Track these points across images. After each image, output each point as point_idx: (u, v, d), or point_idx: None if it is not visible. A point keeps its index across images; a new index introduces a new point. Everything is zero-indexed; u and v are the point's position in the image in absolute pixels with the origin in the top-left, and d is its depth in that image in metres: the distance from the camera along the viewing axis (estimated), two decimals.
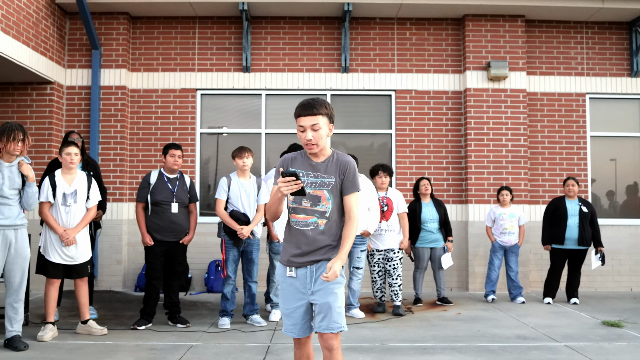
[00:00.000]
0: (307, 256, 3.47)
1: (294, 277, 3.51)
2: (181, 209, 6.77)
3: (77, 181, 6.26)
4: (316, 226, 3.45)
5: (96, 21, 9.73)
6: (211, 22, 10.07)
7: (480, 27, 9.84)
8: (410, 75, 10.01)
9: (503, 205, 8.77)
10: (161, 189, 6.70)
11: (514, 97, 9.79)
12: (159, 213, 6.68)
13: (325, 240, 3.47)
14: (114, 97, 9.69)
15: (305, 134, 3.45)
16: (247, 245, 6.82)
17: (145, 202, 6.71)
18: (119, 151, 9.63)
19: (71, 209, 6.17)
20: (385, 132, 10.05)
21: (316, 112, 3.43)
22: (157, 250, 6.68)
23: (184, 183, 6.87)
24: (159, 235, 6.66)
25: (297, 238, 3.50)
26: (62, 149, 6.22)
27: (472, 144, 9.72)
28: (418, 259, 8.43)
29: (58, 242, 6.09)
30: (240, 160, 6.81)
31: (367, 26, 10.08)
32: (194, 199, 6.96)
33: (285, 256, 3.55)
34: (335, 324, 3.43)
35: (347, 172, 3.50)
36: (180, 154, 6.83)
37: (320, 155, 3.55)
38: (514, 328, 6.78)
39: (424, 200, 8.51)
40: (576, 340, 6.18)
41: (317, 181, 3.49)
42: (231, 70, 10.00)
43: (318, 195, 3.47)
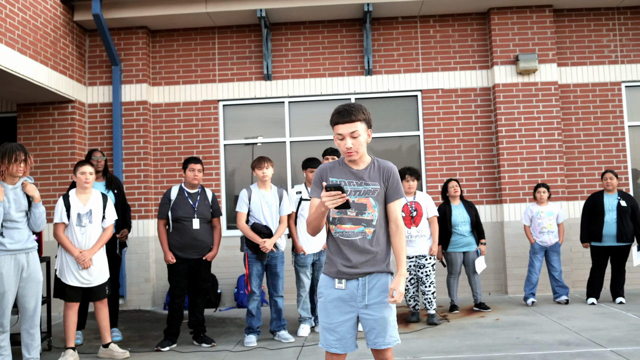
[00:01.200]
0: (358, 267, 3.36)
1: (344, 289, 3.38)
2: (203, 225, 6.57)
3: (92, 201, 6.12)
4: (364, 235, 3.36)
5: (115, 37, 9.67)
6: (230, 32, 9.92)
7: (507, 19, 9.48)
8: (436, 74, 9.70)
9: (540, 203, 8.38)
10: (182, 205, 6.52)
11: (545, 91, 9.39)
12: (181, 230, 6.50)
13: (374, 249, 3.37)
14: (136, 113, 9.59)
15: (345, 142, 3.35)
16: (271, 259, 6.59)
17: (166, 218, 6.54)
18: (143, 167, 9.52)
19: (86, 229, 6.02)
20: (413, 134, 9.75)
21: (354, 118, 3.32)
22: (180, 268, 6.50)
23: (205, 197, 6.68)
24: (182, 252, 6.48)
25: (344, 249, 3.38)
26: (77, 167, 6.08)
27: (503, 141, 9.35)
28: (450, 264, 8.10)
29: (74, 265, 5.95)
30: (260, 170, 6.60)
31: (389, 26, 9.81)
32: (217, 214, 6.76)
33: (334, 268, 3.42)
34: (392, 337, 3.38)
35: (392, 179, 3.44)
36: (200, 168, 6.64)
37: (360, 163, 3.45)
38: (556, 333, 6.41)
39: (454, 202, 8.18)
40: (623, 344, 5.79)
41: (362, 189, 3.40)
42: (252, 79, 9.83)
43: (364, 204, 3.38)
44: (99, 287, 6.11)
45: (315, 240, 6.89)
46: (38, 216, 5.58)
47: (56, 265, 6.05)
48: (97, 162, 7.08)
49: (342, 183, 3.35)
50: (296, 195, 7.00)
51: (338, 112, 3.37)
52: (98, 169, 7.07)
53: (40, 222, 5.63)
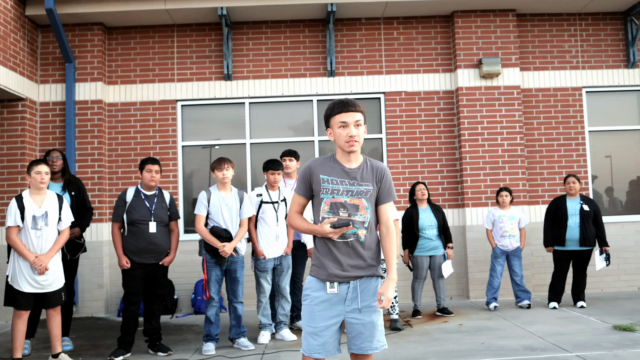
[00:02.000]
0: (349, 271, 3.28)
1: (337, 293, 3.28)
2: (160, 228, 6.30)
3: (47, 202, 5.81)
4: (356, 237, 3.28)
5: (69, 33, 9.31)
6: (190, 30, 9.65)
7: (470, 23, 9.44)
8: (400, 77, 9.60)
9: (503, 207, 8.34)
10: (138, 207, 6.23)
11: (508, 95, 9.38)
12: (136, 233, 6.21)
13: (366, 252, 3.30)
14: (90, 112, 9.24)
15: (349, 129, 3.26)
16: (230, 264, 6.36)
17: (121, 221, 6.25)
18: (97, 169, 9.17)
19: (42, 232, 5.71)
20: (376, 137, 9.62)
21: (358, 108, 3.30)
22: (135, 273, 6.21)
23: (163, 200, 6.40)
24: (137, 257, 6.19)
25: (336, 251, 3.29)
26: (31, 167, 5.75)
27: (466, 145, 9.30)
28: (417, 268, 7.98)
29: (28, 270, 5.62)
30: (220, 172, 6.37)
31: (352, 27, 9.67)
32: (174, 217, 6.49)
33: (324, 271, 3.31)
34: (379, 342, 3.31)
35: (384, 179, 3.37)
36: (158, 169, 6.37)
37: (353, 160, 3.35)
38: (520, 338, 6.33)
39: (421, 205, 8.08)
40: (588, 349, 5.74)
41: (354, 189, 3.30)
42: (212, 79, 9.58)
43: (356, 204, 3.29)
44: (54, 293, 5.80)
45: (276, 244, 6.69)
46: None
47: (8, 272, 5.71)
48: (52, 162, 6.75)
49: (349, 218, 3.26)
50: (256, 198, 6.78)
51: (340, 102, 3.30)
52: (54, 169, 6.74)
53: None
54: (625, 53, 9.75)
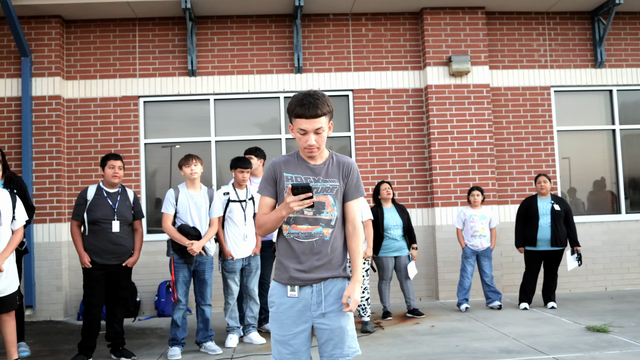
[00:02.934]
0: (312, 272, 3.05)
1: (297, 297, 3.04)
2: (124, 227, 5.99)
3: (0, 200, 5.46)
4: (321, 237, 3.05)
5: (25, 26, 8.90)
6: (152, 24, 9.33)
7: (439, 20, 9.34)
8: (368, 74, 9.44)
9: (474, 207, 8.24)
10: (100, 206, 5.91)
11: (477, 93, 9.30)
12: (98, 233, 5.89)
13: (332, 252, 3.07)
14: (48, 108, 8.86)
15: (307, 137, 3.00)
16: (198, 265, 6.10)
17: (82, 220, 5.93)
18: (55, 167, 8.79)
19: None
20: (344, 135, 9.45)
21: (320, 113, 2.97)
22: (97, 274, 5.89)
23: (126, 198, 6.10)
24: (99, 258, 5.88)
25: (298, 252, 3.05)
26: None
27: (435, 143, 9.19)
28: (382, 269, 7.82)
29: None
30: (188, 168, 6.11)
31: (320, 23, 9.48)
32: (138, 216, 6.20)
33: (285, 273, 3.08)
34: (351, 349, 3.07)
35: (351, 175, 3.15)
36: (121, 165, 6.07)
37: (319, 158, 3.13)
38: (494, 340, 6.21)
39: (386, 205, 7.92)
40: (565, 351, 5.64)
41: (320, 185, 3.09)
42: (176, 75, 9.28)
43: (322, 202, 3.06)
44: (8, 297, 5.43)
45: (244, 244, 6.46)
46: None
47: None
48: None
49: (308, 180, 3.05)
50: (223, 197, 6.53)
51: (302, 103, 2.97)
52: None
53: None
54: (593, 53, 9.76)
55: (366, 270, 7.16)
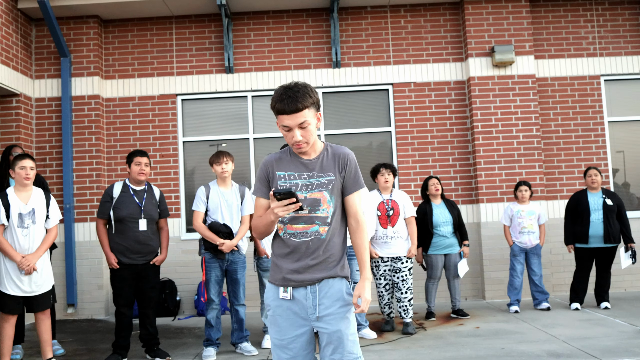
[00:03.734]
0: (307, 273, 2.86)
1: (290, 299, 2.87)
2: (150, 226, 5.89)
3: (34, 199, 5.45)
4: (317, 235, 2.85)
5: (64, 27, 8.95)
6: (189, 22, 9.27)
7: (481, 9, 9.01)
8: (408, 67, 9.18)
9: (521, 202, 7.89)
10: (126, 203, 5.82)
11: (522, 84, 8.94)
12: (124, 231, 5.80)
13: (329, 251, 2.87)
14: (87, 108, 8.88)
15: (292, 134, 2.81)
16: (230, 264, 5.97)
17: (108, 218, 5.85)
18: (95, 166, 8.81)
19: (30, 231, 5.35)
20: (384, 130, 9.21)
21: (301, 106, 2.75)
22: (124, 274, 5.80)
23: (152, 196, 6.00)
24: (125, 257, 5.78)
25: (293, 251, 2.87)
26: (16, 161, 5.39)
27: (479, 137, 8.87)
28: (431, 267, 7.55)
29: (15, 271, 5.27)
30: (219, 166, 5.98)
31: (357, 16, 9.26)
32: (164, 214, 6.10)
33: (279, 274, 2.90)
34: (351, 355, 2.84)
35: (348, 167, 2.93)
36: (147, 162, 5.97)
37: (312, 152, 2.93)
38: (542, 342, 5.90)
39: (435, 201, 7.65)
40: (618, 354, 5.30)
41: (314, 182, 2.89)
42: (213, 72, 9.19)
43: (317, 199, 2.87)
44: (42, 295, 5.45)
45: None
46: None
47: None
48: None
49: (292, 187, 2.84)
50: None
51: (281, 98, 2.77)
52: None
53: None
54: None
55: (409, 269, 6.92)
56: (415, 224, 7.04)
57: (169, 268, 8.71)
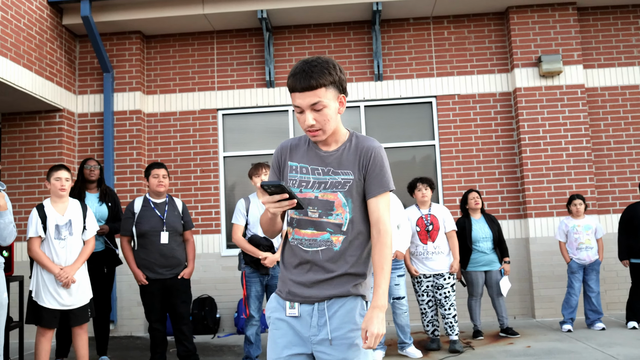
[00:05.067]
0: (316, 288, 2.39)
1: (297, 316, 2.41)
2: (173, 239, 5.80)
3: (70, 210, 5.40)
4: (329, 245, 2.38)
5: (107, 42, 9.02)
6: (230, 36, 9.25)
7: (527, 19, 8.77)
8: (452, 79, 8.98)
9: (576, 217, 7.58)
10: (148, 217, 5.76)
11: (571, 94, 8.65)
12: (147, 246, 5.74)
13: (343, 265, 2.38)
14: (129, 123, 8.90)
15: (304, 116, 2.34)
16: (271, 278, 5.82)
17: (131, 235, 5.79)
18: (136, 181, 8.80)
19: (67, 242, 5.30)
20: (428, 144, 9.00)
21: (315, 84, 2.29)
22: (152, 289, 5.74)
23: (174, 208, 5.92)
24: (151, 272, 5.72)
25: (301, 262, 2.42)
26: (51, 173, 5.38)
27: (527, 150, 8.59)
28: (471, 284, 7.28)
29: (53, 284, 5.22)
30: (258, 178, 5.87)
31: (399, 28, 9.11)
32: (188, 226, 6.01)
33: (285, 286, 2.47)
34: None
35: (372, 164, 2.41)
36: (165, 174, 5.91)
37: (332, 142, 2.46)
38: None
39: (474, 216, 7.39)
40: None
41: (328, 179, 2.41)
42: (254, 86, 9.13)
43: (330, 201, 2.39)
44: (80, 309, 5.37)
45: None
46: (4, 227, 4.86)
47: (31, 286, 5.30)
48: (90, 170, 6.45)
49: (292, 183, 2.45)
50: None
51: (294, 72, 2.34)
52: (91, 178, 6.49)
53: (7, 233, 4.90)
54: None
55: (452, 285, 6.68)
56: (456, 238, 6.82)
57: (208, 285, 8.62)
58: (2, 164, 8.51)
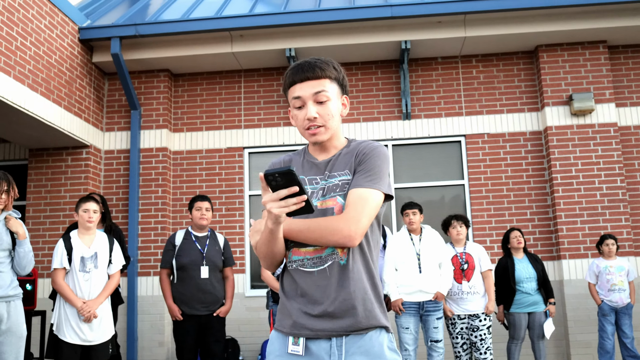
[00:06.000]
0: (328, 319, 2.02)
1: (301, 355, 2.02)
2: (213, 274, 5.66)
3: (97, 242, 5.28)
4: (334, 260, 2.04)
5: (135, 80, 9.06)
6: (257, 75, 9.26)
7: (557, 57, 8.70)
8: (481, 118, 8.87)
9: (608, 257, 7.34)
10: (188, 250, 5.63)
11: (603, 133, 8.48)
12: (186, 279, 5.59)
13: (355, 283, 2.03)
14: (155, 160, 8.85)
15: (305, 110, 2.12)
16: None
17: (171, 267, 5.65)
18: (161, 219, 8.69)
19: (91, 275, 5.17)
20: (457, 183, 8.83)
21: (320, 73, 2.13)
22: (186, 326, 5.57)
23: (216, 242, 5.79)
24: (187, 307, 5.56)
25: (305, 287, 2.06)
26: (80, 204, 5.29)
27: (559, 189, 8.38)
28: (513, 327, 6.98)
29: (75, 318, 5.06)
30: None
31: (428, 67, 9.07)
32: (229, 262, 5.86)
33: (288, 318, 2.09)
34: None
35: (365, 158, 2.11)
36: (209, 207, 5.80)
37: (331, 148, 2.22)
38: None
39: (517, 255, 7.15)
40: None
41: (325, 185, 2.13)
42: (281, 125, 9.09)
43: (330, 208, 2.07)
44: (101, 345, 5.19)
45: None
46: (23, 256, 4.73)
47: (52, 319, 5.14)
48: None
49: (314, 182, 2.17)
50: None
51: (295, 66, 2.18)
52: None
53: (26, 262, 4.78)
54: None
55: (487, 327, 6.41)
56: (494, 278, 6.60)
57: (232, 326, 8.37)
58: (27, 199, 8.47)
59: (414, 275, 6.14)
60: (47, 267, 8.04)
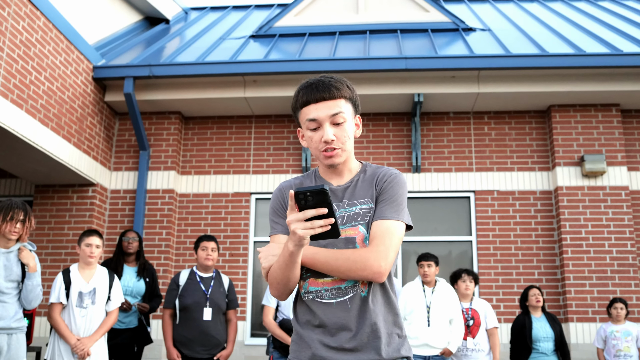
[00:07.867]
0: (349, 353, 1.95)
1: None
2: (216, 316, 5.53)
3: (96, 278, 5.18)
4: (356, 292, 1.98)
5: (146, 121, 9.05)
6: (268, 121, 9.26)
7: (569, 117, 8.69)
8: (491, 174, 8.81)
9: (616, 322, 7.17)
10: (192, 291, 5.51)
11: (614, 196, 8.41)
12: (188, 320, 5.46)
13: (377, 315, 1.98)
14: (161, 202, 8.77)
15: (322, 132, 2.05)
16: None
17: (174, 307, 5.52)
18: (163, 261, 8.56)
19: (88, 311, 5.05)
20: (465, 239, 8.72)
21: (336, 93, 2.06)
22: None
23: (220, 284, 5.67)
24: (188, 350, 5.40)
25: (323, 319, 1.99)
26: (82, 238, 5.19)
27: (568, 250, 8.26)
28: None
29: (69, 355, 4.92)
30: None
31: (439, 121, 9.06)
32: (233, 305, 5.73)
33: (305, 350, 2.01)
34: None
35: (386, 186, 2.07)
36: (215, 247, 5.71)
37: (345, 172, 2.16)
38: None
39: (535, 314, 6.98)
40: None
41: (345, 213, 2.06)
42: (289, 172, 9.03)
43: (351, 237, 2.01)
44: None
45: None
46: (31, 289, 4.62)
47: (46, 355, 5.00)
48: (128, 243, 6.30)
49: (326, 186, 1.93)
50: None
51: (308, 85, 2.09)
52: (129, 251, 6.31)
53: (33, 296, 4.67)
54: None
55: None
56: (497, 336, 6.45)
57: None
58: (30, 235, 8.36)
59: (422, 328, 5.99)
60: (45, 306, 7.88)
